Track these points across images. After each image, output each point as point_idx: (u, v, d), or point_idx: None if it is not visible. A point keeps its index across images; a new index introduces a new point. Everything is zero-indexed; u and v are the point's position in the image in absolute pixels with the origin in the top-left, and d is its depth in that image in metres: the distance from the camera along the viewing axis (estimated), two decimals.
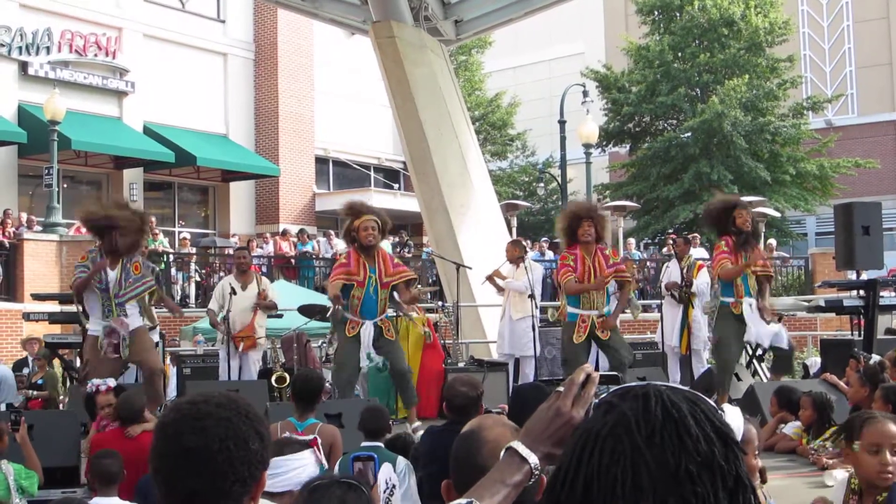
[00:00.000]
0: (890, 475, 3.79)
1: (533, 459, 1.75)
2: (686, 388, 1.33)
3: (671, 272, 12.67)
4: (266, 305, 11.37)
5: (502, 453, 1.79)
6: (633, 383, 1.33)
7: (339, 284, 9.36)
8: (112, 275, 8.93)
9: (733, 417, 3.05)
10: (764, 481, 3.73)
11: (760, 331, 10.01)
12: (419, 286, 20.29)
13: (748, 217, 10.10)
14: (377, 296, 9.38)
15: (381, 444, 5.58)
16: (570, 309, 9.98)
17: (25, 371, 14.14)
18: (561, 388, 1.78)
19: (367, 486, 3.70)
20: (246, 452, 1.91)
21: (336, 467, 5.13)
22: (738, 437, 2.99)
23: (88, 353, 9.09)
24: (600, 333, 9.82)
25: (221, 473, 1.88)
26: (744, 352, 12.31)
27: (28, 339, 14.62)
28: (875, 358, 8.82)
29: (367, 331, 9.30)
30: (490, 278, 12.39)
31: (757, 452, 3.30)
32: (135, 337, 8.94)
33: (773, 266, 10.91)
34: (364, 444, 5.57)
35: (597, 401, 1.33)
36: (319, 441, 4.08)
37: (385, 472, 4.99)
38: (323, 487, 2.88)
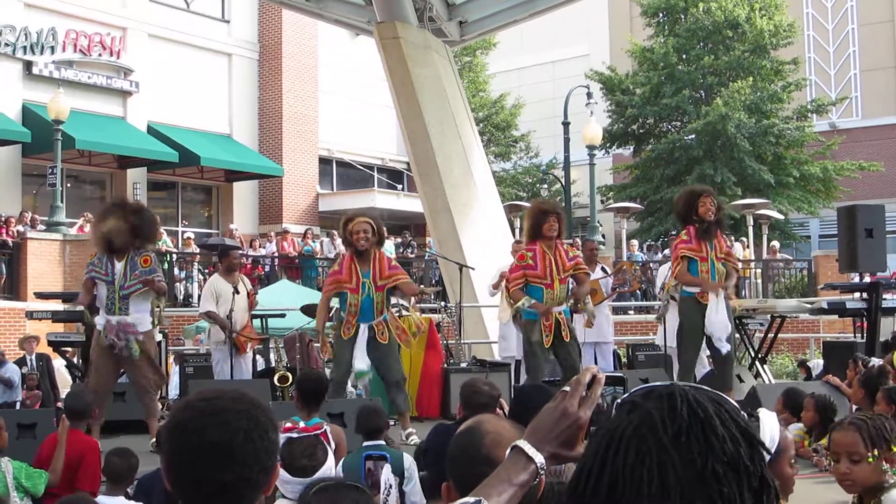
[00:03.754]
0: (850, 483, 3.67)
1: (539, 459, 1.75)
2: (709, 388, 1.33)
3: (663, 273, 12.57)
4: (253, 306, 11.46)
5: (508, 452, 1.79)
6: (658, 383, 1.33)
7: (325, 316, 9.52)
8: (118, 266, 8.87)
9: (771, 424, 2.93)
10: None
11: (716, 322, 9.60)
12: (422, 286, 20.37)
13: (711, 206, 9.71)
14: (373, 299, 9.26)
15: (383, 443, 5.59)
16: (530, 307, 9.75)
17: (24, 370, 14.16)
18: (567, 388, 1.78)
19: (376, 486, 3.71)
20: (267, 442, 1.97)
21: (340, 465, 5.15)
22: (776, 444, 2.90)
23: (92, 352, 9.03)
24: (563, 332, 9.58)
25: (248, 464, 1.93)
26: (746, 353, 12.33)
27: (27, 338, 14.62)
28: (875, 361, 8.82)
29: (362, 333, 9.22)
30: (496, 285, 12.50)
31: (793, 461, 3.13)
32: (135, 359, 8.82)
33: (736, 260, 10.63)
34: (366, 443, 5.57)
35: (619, 400, 1.33)
36: (329, 434, 4.10)
37: (384, 473, 5.00)
38: (332, 489, 2.88)
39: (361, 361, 9.22)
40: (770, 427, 2.90)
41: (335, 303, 9.74)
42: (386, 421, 5.98)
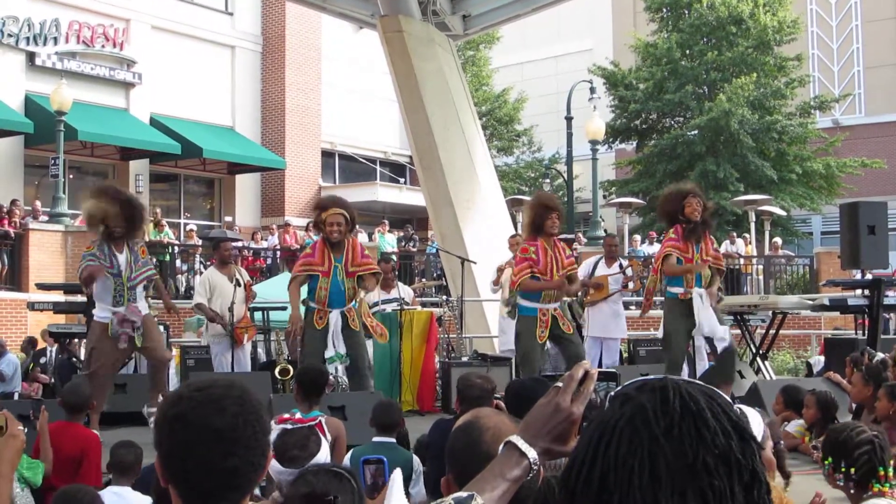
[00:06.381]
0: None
1: (532, 454, 1.75)
2: (701, 382, 1.33)
3: None
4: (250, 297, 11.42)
5: (501, 447, 1.80)
6: (650, 376, 1.33)
7: (299, 302, 9.36)
8: (122, 258, 8.91)
9: (754, 421, 3.05)
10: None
11: (713, 322, 9.69)
12: (423, 280, 20.37)
13: (698, 206, 9.74)
14: (344, 285, 9.30)
15: (393, 440, 5.55)
16: (526, 303, 9.76)
17: (43, 360, 14.15)
18: (559, 384, 1.79)
19: (371, 488, 3.69)
20: (264, 425, 2.02)
21: (349, 457, 5.13)
22: (760, 436, 3.05)
23: (94, 340, 9.03)
24: (563, 326, 9.65)
25: (252, 448, 1.97)
26: (748, 349, 12.33)
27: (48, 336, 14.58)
28: (879, 356, 8.81)
29: (334, 319, 9.23)
30: (496, 281, 12.50)
31: (773, 448, 3.43)
32: (145, 326, 8.95)
33: (725, 261, 10.70)
34: (376, 439, 5.53)
35: (612, 393, 1.34)
36: (325, 426, 4.09)
37: (396, 481, 5.00)
38: (309, 473, 2.87)
39: (333, 349, 9.22)
40: (755, 420, 3.03)
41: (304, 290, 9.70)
42: (400, 418, 5.96)
